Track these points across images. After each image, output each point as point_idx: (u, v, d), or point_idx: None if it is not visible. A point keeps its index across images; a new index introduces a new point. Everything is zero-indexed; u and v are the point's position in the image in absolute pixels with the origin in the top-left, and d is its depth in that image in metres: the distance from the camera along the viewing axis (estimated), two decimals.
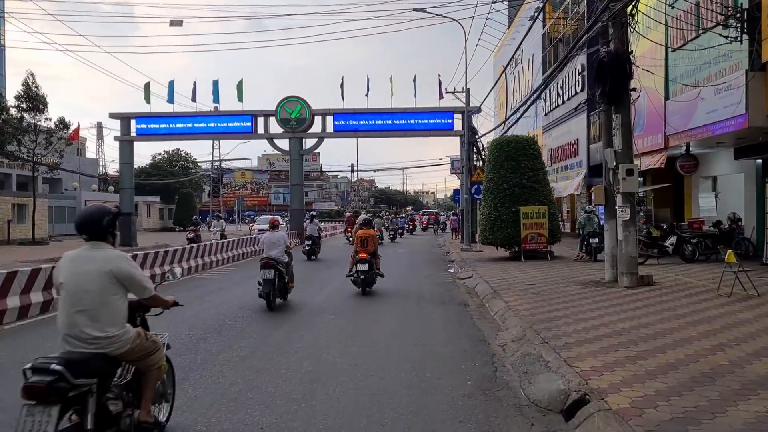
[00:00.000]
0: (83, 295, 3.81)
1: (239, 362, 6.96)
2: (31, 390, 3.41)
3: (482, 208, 19.89)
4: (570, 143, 26.00)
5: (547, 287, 12.03)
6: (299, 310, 10.68)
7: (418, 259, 22.23)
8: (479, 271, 15.86)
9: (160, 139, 32.40)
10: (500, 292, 11.54)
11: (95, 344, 3.79)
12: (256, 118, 31.54)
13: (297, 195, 32.27)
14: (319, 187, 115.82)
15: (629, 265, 11.63)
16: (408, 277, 16.21)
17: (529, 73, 34.77)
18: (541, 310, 9.29)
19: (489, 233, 18.92)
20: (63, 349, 3.79)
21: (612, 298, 10.41)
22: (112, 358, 3.88)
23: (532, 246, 18.55)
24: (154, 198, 53.77)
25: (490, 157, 19.49)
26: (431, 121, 30.97)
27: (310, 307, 11.01)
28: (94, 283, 3.83)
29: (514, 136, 19.76)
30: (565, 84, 26.40)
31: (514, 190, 18.62)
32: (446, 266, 19.50)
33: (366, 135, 32.01)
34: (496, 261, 18.75)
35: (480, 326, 9.08)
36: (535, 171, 18.98)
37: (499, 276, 14.46)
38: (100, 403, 3.73)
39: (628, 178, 11.43)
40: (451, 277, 16.25)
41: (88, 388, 3.63)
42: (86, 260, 3.92)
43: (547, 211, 18.54)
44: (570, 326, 7.99)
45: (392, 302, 11.68)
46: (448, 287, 13.92)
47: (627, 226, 11.60)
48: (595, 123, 23.04)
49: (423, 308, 10.83)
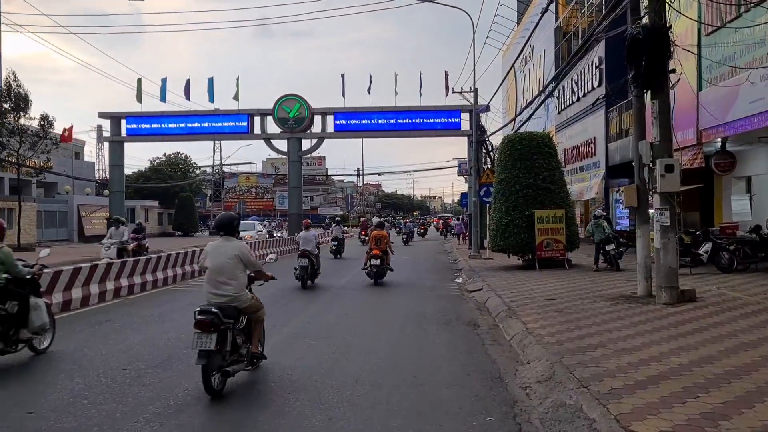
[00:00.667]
0: (222, 269, 5.99)
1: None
2: (200, 323, 5.59)
3: (492, 211, 18.13)
4: (586, 142, 24.23)
5: (571, 303, 10.28)
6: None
7: (422, 268, 20.48)
8: (490, 281, 14.12)
9: (152, 140, 30.86)
10: (516, 310, 9.79)
11: (230, 299, 5.95)
12: (252, 117, 29.93)
13: (295, 198, 30.62)
14: (325, 192, 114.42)
15: (669, 277, 9.85)
16: (409, 289, 14.48)
17: (540, 70, 33.01)
18: (570, 336, 7.54)
19: (500, 239, 17.17)
20: (209, 301, 5.92)
21: (653, 318, 8.64)
22: (238, 309, 6.02)
23: (547, 253, 16.77)
24: (153, 202, 52.23)
25: (501, 156, 17.75)
26: (437, 120, 29.28)
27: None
28: (229, 262, 6.00)
29: (527, 133, 18.01)
30: (581, 79, 24.63)
31: (527, 192, 16.86)
32: (453, 275, 17.76)
33: (368, 135, 30.33)
34: (508, 270, 16.99)
35: (494, 356, 7.33)
36: (551, 171, 17.21)
37: (513, 288, 12.72)
38: (233, 336, 5.91)
39: (668, 175, 9.66)
40: (458, 288, 14.51)
41: (228, 326, 5.80)
42: (223, 248, 6.10)
43: (565, 215, 16.78)
44: (611, 360, 6.24)
45: (389, 322, 9.96)
46: (454, 302, 12.17)
47: (666, 232, 9.82)
48: (614, 120, 21.28)
49: (425, 330, 9.09)
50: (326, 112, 29.76)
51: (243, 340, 6.15)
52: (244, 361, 6.13)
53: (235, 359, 5.99)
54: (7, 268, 6.97)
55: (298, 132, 29.57)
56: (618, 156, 20.76)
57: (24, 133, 28.54)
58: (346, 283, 15.50)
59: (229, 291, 5.96)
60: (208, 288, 6.02)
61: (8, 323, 6.94)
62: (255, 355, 6.33)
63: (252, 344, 6.27)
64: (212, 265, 6.03)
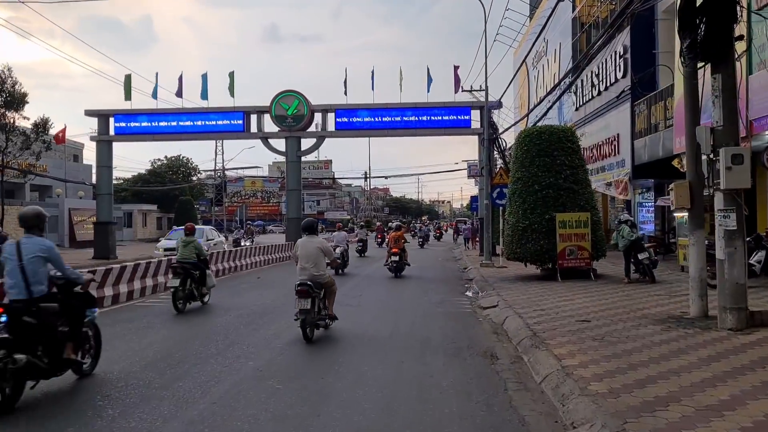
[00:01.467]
0: (309, 257, 8.72)
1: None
2: (299, 291, 8.31)
3: (507, 215, 16.14)
4: (608, 140, 22.18)
5: (611, 327, 8.28)
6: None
7: (430, 278, 18.50)
8: (506, 296, 12.15)
9: (142, 139, 29.03)
10: (543, 336, 7.82)
11: (315, 276, 8.68)
12: (248, 115, 28.07)
13: (294, 202, 28.69)
14: (332, 196, 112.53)
15: (736, 296, 7.84)
16: (413, 304, 12.54)
17: (555, 65, 31.00)
18: (625, 381, 5.55)
19: (516, 246, 15.18)
20: (302, 277, 8.59)
21: (725, 352, 6.63)
22: (320, 284, 8.76)
23: (570, 262, 14.77)
24: (151, 206, 50.52)
25: (518, 153, 15.78)
26: (445, 118, 27.27)
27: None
28: (313, 252, 8.75)
29: (546, 126, 16.01)
30: (602, 71, 22.61)
31: (547, 193, 14.89)
32: (463, 286, 15.79)
33: (371, 134, 28.36)
34: (526, 281, 15.00)
35: (522, 410, 5.36)
36: (574, 168, 15.22)
37: (535, 304, 10.73)
38: (318, 302, 8.66)
39: (735, 168, 7.65)
40: (469, 304, 12.53)
41: (317, 294, 8.53)
42: (309, 243, 8.81)
43: (590, 219, 14.78)
44: (698, 429, 4.26)
45: (383, 354, 7.98)
46: (465, 322, 10.17)
47: (733, 239, 7.81)
48: (641, 114, 19.23)
49: (428, 366, 7.10)
50: (327, 109, 27.85)
51: (323, 306, 8.91)
52: (325, 320, 8.92)
53: (320, 317, 8.77)
54: (198, 251, 12.01)
55: (296, 130, 27.67)
56: (646, 154, 18.72)
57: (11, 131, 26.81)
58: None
59: (314, 271, 8.70)
60: (300, 270, 8.76)
61: (196, 283, 11.72)
62: (331, 316, 9.07)
63: (329, 309, 9.03)
64: (302, 254, 8.79)
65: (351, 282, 16.62)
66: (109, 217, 28.21)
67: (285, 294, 12.62)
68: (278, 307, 11.68)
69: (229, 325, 9.89)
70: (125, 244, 40.90)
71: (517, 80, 42.52)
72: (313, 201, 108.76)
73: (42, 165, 42.56)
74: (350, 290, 14.48)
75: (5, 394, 5.30)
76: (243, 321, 10.24)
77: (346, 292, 13.47)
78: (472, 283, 16.04)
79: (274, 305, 12.12)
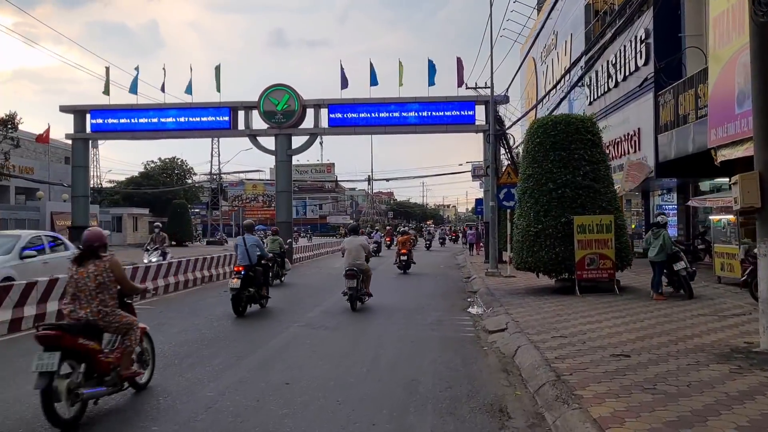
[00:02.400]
0: (354, 252, 12.24)
1: None
2: (347, 274, 11.84)
3: (517, 218, 14.00)
4: (627, 136, 20.02)
5: (661, 366, 6.18)
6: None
7: (427, 288, 16.37)
8: (516, 315, 10.04)
9: (120, 137, 27.01)
10: (570, 381, 5.71)
11: (358, 265, 12.03)
12: (235, 111, 25.99)
13: (284, 204, 26.56)
14: (334, 200, 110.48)
15: None
16: (405, 322, 10.43)
17: (566, 58, 28.85)
18: None
19: (527, 254, 13.06)
20: (349, 265, 12.00)
21: None
22: (362, 270, 12.07)
23: (591, 273, 12.65)
24: (143, 210, 48.55)
25: (529, 146, 13.66)
26: (448, 113, 25.10)
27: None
28: (357, 248, 12.33)
29: (563, 115, 13.85)
30: (619, 60, 20.48)
31: (564, 192, 12.77)
32: (465, 300, 13.68)
33: (368, 131, 26.18)
34: (538, 295, 12.88)
35: None
36: (595, 164, 13.09)
37: (553, 327, 8.63)
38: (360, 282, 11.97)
39: None
40: (472, 324, 10.40)
41: (360, 277, 11.93)
42: (354, 241, 12.63)
43: (614, 223, 12.66)
44: None
45: (348, 410, 5.89)
46: (466, 354, 8.01)
47: None
48: (666, 104, 17.06)
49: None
50: (320, 104, 25.74)
51: (363, 285, 12.19)
52: (364, 296, 12.30)
53: (361, 294, 12.13)
54: (281, 246, 17.54)
55: (287, 127, 25.58)
56: (673, 150, 16.55)
57: None
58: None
59: (356, 261, 12.14)
60: (347, 260, 12.22)
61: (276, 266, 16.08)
62: (367, 293, 12.47)
63: (366, 288, 12.42)
64: (348, 248, 12.43)
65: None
66: (86, 221, 26.14)
67: None
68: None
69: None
70: (113, 249, 38.88)
71: (525, 77, 40.45)
72: (315, 205, 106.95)
73: (26, 167, 40.98)
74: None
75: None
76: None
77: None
78: (476, 297, 13.93)
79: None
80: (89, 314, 5.39)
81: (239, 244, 11.73)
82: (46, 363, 4.82)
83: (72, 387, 4.99)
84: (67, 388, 4.93)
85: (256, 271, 11.53)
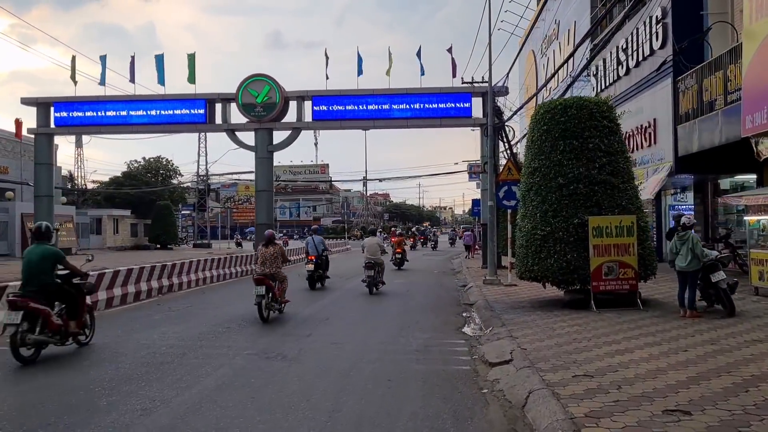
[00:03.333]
0: (371, 249, 15.79)
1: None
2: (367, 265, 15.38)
3: (520, 219, 11.94)
4: (641, 128, 18.04)
5: None
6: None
7: (417, 299, 14.35)
8: (523, 338, 8.04)
9: (86, 131, 25.11)
10: None
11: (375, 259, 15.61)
12: (212, 103, 24.00)
13: (264, 204, 24.51)
14: (329, 201, 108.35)
15: None
16: (383, 352, 8.39)
17: (569, 48, 26.87)
18: None
19: (533, 261, 11.05)
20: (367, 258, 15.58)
21: None
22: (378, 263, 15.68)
23: (609, 285, 10.64)
24: (124, 211, 46.38)
25: (535, 135, 11.63)
26: (442, 106, 23.14)
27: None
28: (374, 246, 15.96)
29: (574, 98, 11.81)
30: (631, 45, 18.51)
31: (576, 189, 10.78)
32: (460, 315, 11.65)
33: (354, 125, 24.12)
34: (547, 309, 10.88)
35: None
36: (613, 155, 11.08)
37: (572, 360, 6.63)
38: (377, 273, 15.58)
39: None
40: (467, 350, 8.36)
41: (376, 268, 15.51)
42: (372, 240, 16.66)
43: (636, 225, 10.66)
44: None
45: None
46: (457, 402, 5.93)
47: None
48: (687, 90, 15.08)
49: None
50: (303, 96, 23.74)
51: (379, 276, 15.48)
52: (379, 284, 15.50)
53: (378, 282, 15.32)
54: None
55: (267, 121, 23.57)
56: (695, 142, 14.58)
57: None
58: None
59: (373, 256, 15.43)
60: (366, 255, 15.47)
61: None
62: (382, 282, 15.74)
63: (381, 277, 15.74)
64: (367, 246, 15.77)
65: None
66: (51, 221, 24.06)
67: None
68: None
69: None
70: (88, 252, 36.71)
71: (524, 70, 38.53)
72: (309, 207, 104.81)
73: (2, 166, 38.88)
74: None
75: None
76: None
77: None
78: (473, 311, 11.93)
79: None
80: (271, 271, 11.19)
81: (309, 241, 17.33)
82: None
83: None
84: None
85: (322, 259, 17.07)
